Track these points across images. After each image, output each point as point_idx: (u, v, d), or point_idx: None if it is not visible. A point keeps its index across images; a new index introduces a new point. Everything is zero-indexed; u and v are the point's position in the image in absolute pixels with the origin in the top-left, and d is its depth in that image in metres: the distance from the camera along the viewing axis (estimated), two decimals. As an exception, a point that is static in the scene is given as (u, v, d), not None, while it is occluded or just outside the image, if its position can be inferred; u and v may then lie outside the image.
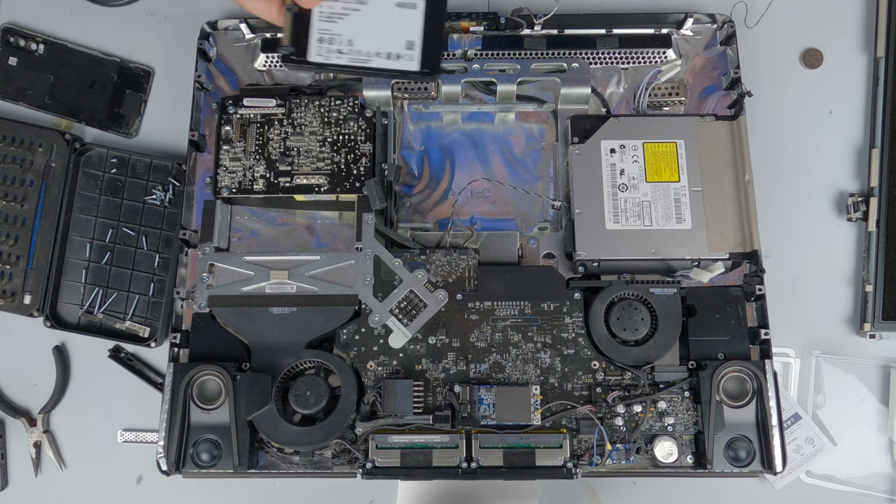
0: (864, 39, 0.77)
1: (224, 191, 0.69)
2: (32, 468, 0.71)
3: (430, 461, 0.62)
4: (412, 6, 0.55)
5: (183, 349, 0.67)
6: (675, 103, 0.73)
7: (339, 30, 0.55)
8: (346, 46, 0.55)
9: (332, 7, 0.55)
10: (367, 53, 0.55)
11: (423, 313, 0.65)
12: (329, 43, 0.55)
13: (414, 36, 0.55)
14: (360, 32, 0.55)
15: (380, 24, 0.55)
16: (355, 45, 0.55)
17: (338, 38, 0.55)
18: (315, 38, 0.55)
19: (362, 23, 0.55)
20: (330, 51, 0.55)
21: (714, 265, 0.66)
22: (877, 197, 0.72)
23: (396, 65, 0.55)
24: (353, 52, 0.55)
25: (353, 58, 0.55)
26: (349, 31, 0.55)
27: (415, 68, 0.55)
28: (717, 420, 0.62)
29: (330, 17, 0.55)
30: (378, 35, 0.55)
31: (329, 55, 0.55)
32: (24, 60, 0.77)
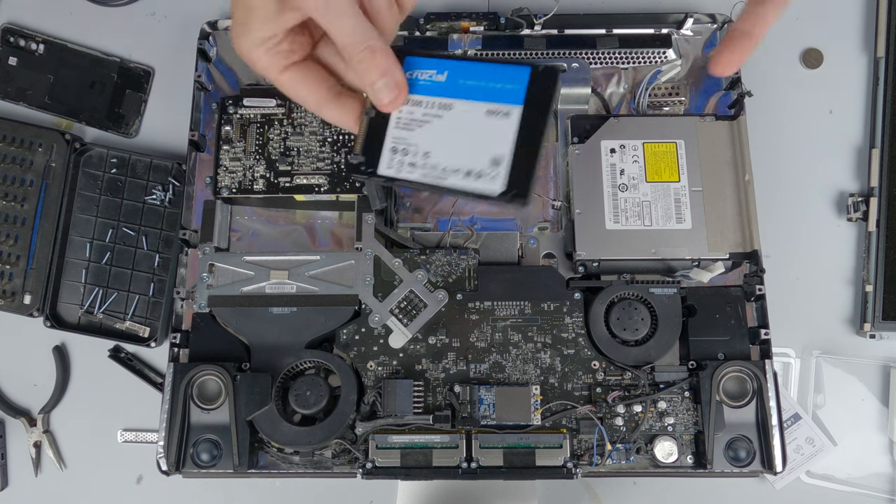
0: (864, 39, 0.77)
1: (224, 191, 0.69)
2: (32, 468, 0.71)
3: (430, 461, 0.62)
4: (505, 115, 0.45)
5: (183, 349, 0.67)
6: (675, 103, 0.73)
7: (415, 139, 0.46)
8: (420, 159, 0.46)
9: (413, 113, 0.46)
10: (444, 169, 0.45)
11: (423, 313, 0.65)
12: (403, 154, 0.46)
13: (503, 151, 0.45)
14: (438, 144, 0.46)
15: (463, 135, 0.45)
16: (431, 157, 0.46)
17: (413, 149, 0.46)
18: (388, 147, 0.46)
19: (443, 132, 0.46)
20: (402, 163, 0.46)
21: (714, 265, 0.66)
22: (877, 197, 0.72)
23: (476, 185, 0.45)
24: (428, 166, 0.46)
25: (427, 173, 0.46)
26: (426, 142, 0.46)
27: (498, 190, 0.44)
28: (717, 420, 0.62)
29: (408, 125, 0.46)
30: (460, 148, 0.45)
31: (401, 168, 0.46)
32: (24, 60, 0.77)
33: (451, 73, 0.46)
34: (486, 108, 0.45)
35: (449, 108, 0.46)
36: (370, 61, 0.44)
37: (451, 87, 0.46)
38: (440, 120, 0.46)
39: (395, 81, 0.45)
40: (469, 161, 0.45)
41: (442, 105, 0.46)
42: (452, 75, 0.46)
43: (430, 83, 0.46)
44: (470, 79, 0.46)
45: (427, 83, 0.46)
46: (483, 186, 0.45)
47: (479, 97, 0.46)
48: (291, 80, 0.46)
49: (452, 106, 0.46)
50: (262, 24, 0.44)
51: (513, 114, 0.45)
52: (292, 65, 0.45)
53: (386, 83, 0.44)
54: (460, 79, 0.46)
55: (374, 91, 0.45)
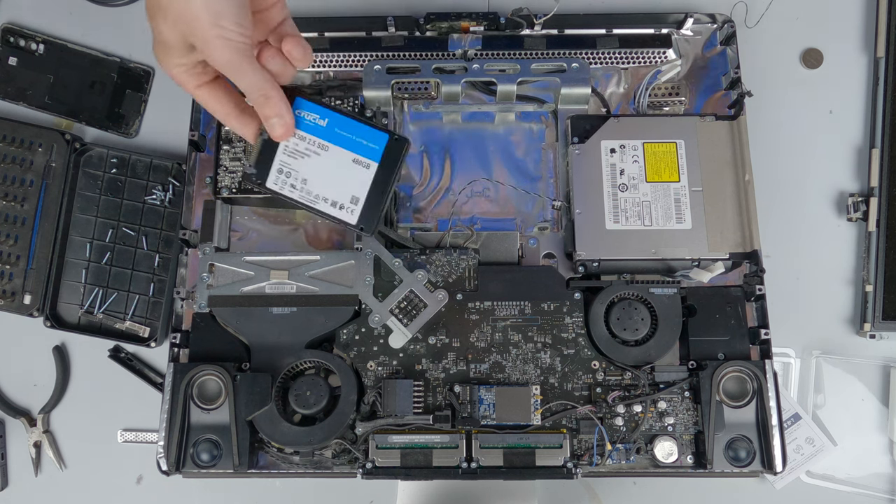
0: (864, 39, 0.77)
1: (224, 191, 0.69)
2: (32, 468, 0.71)
3: (430, 461, 0.62)
4: (366, 166, 0.59)
5: (183, 349, 0.67)
6: (675, 103, 0.73)
7: (297, 167, 0.59)
8: (299, 184, 0.59)
9: (298, 145, 0.59)
10: (316, 196, 0.60)
11: (423, 313, 0.65)
12: (286, 176, 0.59)
13: (360, 193, 0.60)
14: (315, 175, 0.59)
15: (334, 174, 0.59)
16: (308, 185, 0.59)
17: (294, 174, 0.59)
18: (276, 168, 0.60)
19: (319, 167, 0.59)
20: (285, 183, 0.60)
21: (714, 265, 0.66)
22: (877, 197, 0.72)
23: (338, 214, 0.60)
24: (305, 190, 0.60)
25: (303, 195, 0.60)
26: (305, 171, 0.59)
27: (353, 222, 0.60)
28: (717, 420, 0.62)
29: (293, 154, 0.59)
30: (329, 182, 0.59)
31: (283, 186, 0.60)
32: (24, 60, 0.77)
33: (331, 122, 0.60)
34: (353, 157, 0.60)
35: (326, 149, 0.60)
36: (265, 105, 0.55)
37: (330, 132, 0.60)
38: (318, 157, 0.60)
39: (283, 122, 0.57)
40: (335, 194, 0.60)
41: (321, 145, 0.60)
42: (331, 123, 0.60)
43: (314, 125, 0.60)
44: (344, 130, 0.60)
45: (312, 124, 0.60)
46: (343, 216, 0.60)
47: (349, 147, 0.60)
48: (204, 96, 0.56)
49: (329, 148, 0.60)
50: (177, 55, 0.53)
51: (371, 167, 0.60)
52: (205, 83, 0.55)
53: (277, 121, 0.56)
54: (337, 128, 0.60)
55: (269, 125, 0.57)
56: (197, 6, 0.49)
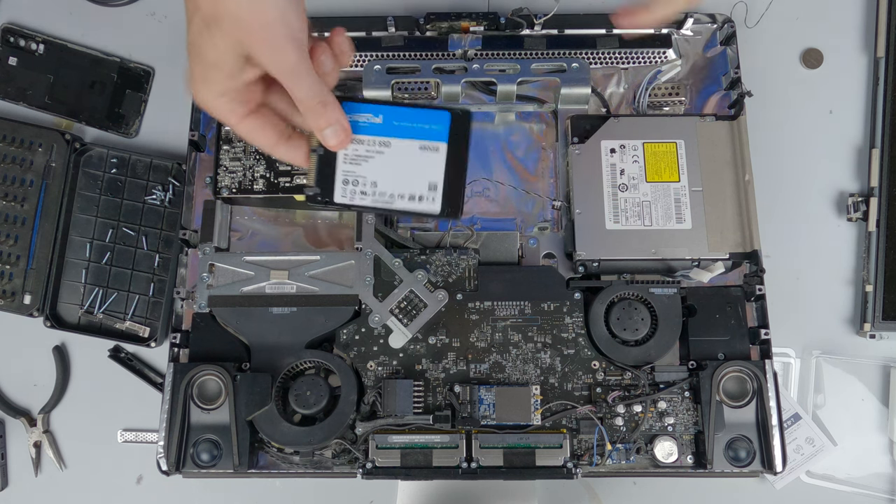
0: (864, 39, 0.77)
1: (224, 191, 0.69)
2: (32, 468, 0.71)
3: (430, 461, 0.62)
4: (434, 150, 0.55)
5: (183, 349, 0.67)
6: (675, 103, 0.73)
7: (363, 172, 0.55)
8: (370, 188, 0.55)
9: (357, 150, 0.55)
10: (391, 195, 0.55)
11: (423, 313, 0.65)
12: (353, 185, 0.55)
13: (436, 178, 0.55)
14: (383, 175, 0.55)
15: (403, 167, 0.55)
16: (379, 186, 0.55)
17: (362, 180, 0.55)
18: (340, 180, 0.55)
19: (386, 166, 0.55)
20: (354, 192, 0.55)
21: (714, 265, 0.66)
22: (877, 197, 0.72)
23: (419, 207, 0.55)
24: (377, 193, 0.55)
25: (377, 199, 0.55)
26: (373, 174, 0.55)
27: (436, 210, 0.55)
28: (717, 420, 0.62)
29: (354, 160, 0.55)
30: (401, 178, 0.55)
31: (354, 196, 0.55)
32: (24, 60, 0.77)
33: (386, 117, 0.56)
34: (419, 144, 0.55)
35: (388, 145, 0.55)
36: (322, 113, 0.51)
37: (387, 127, 0.55)
38: (382, 155, 0.55)
39: (342, 127, 0.52)
40: (411, 188, 0.55)
41: (382, 143, 0.55)
42: (387, 118, 0.56)
43: (369, 125, 0.55)
44: (402, 121, 0.56)
45: (367, 125, 0.55)
46: (425, 207, 0.56)
47: (412, 136, 0.56)
48: (249, 127, 0.51)
49: (391, 144, 0.55)
50: (225, 80, 0.48)
51: (441, 149, 0.55)
52: (249, 113, 0.51)
53: (334, 130, 0.52)
54: (394, 121, 0.55)
55: (325, 136, 0.52)
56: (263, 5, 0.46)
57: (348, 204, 0.56)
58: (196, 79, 0.49)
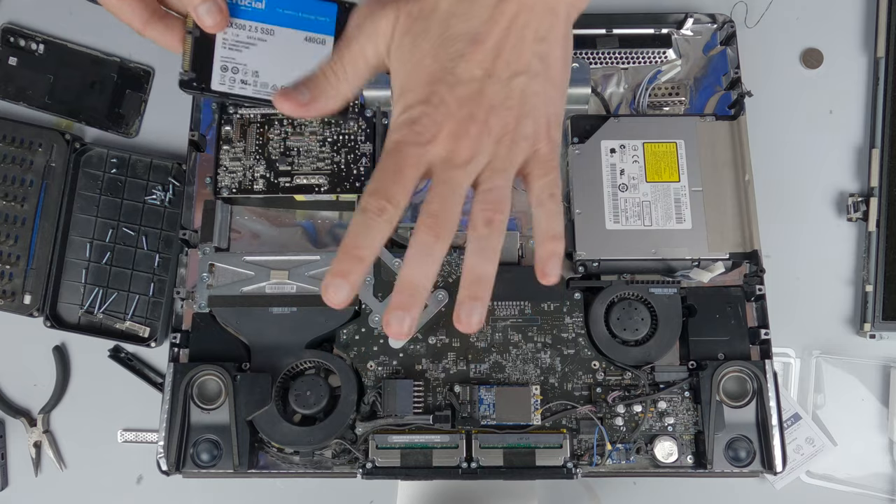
0: (864, 39, 0.77)
1: (224, 191, 0.69)
2: (32, 468, 0.71)
3: (430, 461, 0.62)
4: (321, 42, 0.53)
5: (183, 349, 0.67)
6: (675, 103, 0.73)
7: (243, 59, 0.53)
8: (251, 77, 0.53)
9: (238, 35, 0.53)
10: (273, 86, 0.53)
11: (423, 313, 0.65)
12: (233, 72, 0.53)
13: None
14: (265, 64, 0.53)
15: (286, 58, 0.53)
16: (261, 76, 0.53)
17: (242, 68, 0.53)
18: (218, 66, 0.53)
19: (268, 55, 0.53)
20: (234, 80, 0.53)
21: (714, 265, 0.66)
22: (877, 197, 0.72)
23: None
24: (259, 84, 0.53)
25: (258, 90, 0.54)
26: (254, 62, 0.53)
27: None
28: (717, 420, 0.62)
29: (234, 46, 0.53)
30: (284, 68, 0.53)
31: (233, 85, 0.53)
32: (24, 60, 0.77)
33: (269, 2, 0.53)
34: (304, 35, 0.53)
35: (271, 33, 0.53)
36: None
37: (271, 14, 0.53)
38: (265, 44, 0.53)
39: (216, 6, 0.49)
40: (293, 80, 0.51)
41: (265, 30, 0.53)
42: (270, 4, 0.53)
43: (250, 9, 0.53)
44: (287, 8, 0.53)
45: (248, 9, 0.53)
46: None
47: (297, 26, 0.53)
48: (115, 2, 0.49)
49: (274, 32, 0.53)
50: None
51: (327, 42, 0.53)
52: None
53: (208, 8, 0.49)
54: (278, 7, 0.53)
55: (198, 14, 0.49)
56: None
57: (227, 92, 0.54)
58: None
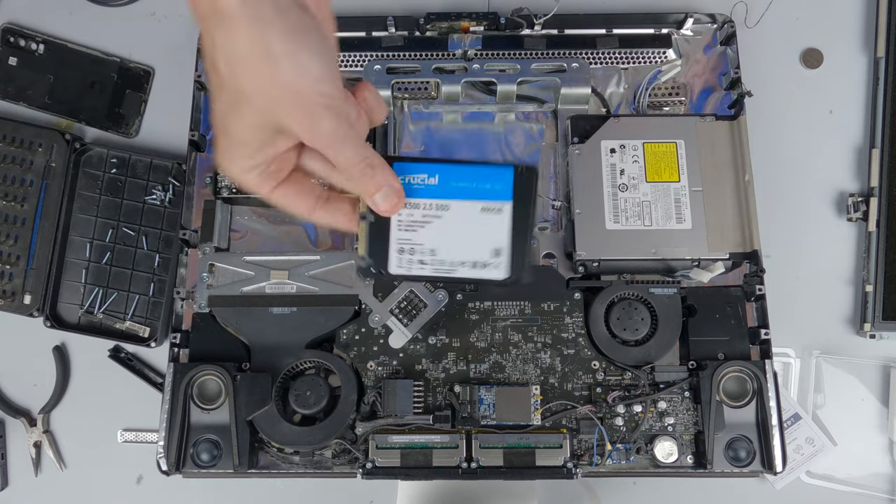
0: (864, 39, 0.77)
1: (224, 191, 0.69)
2: (32, 468, 0.71)
3: (430, 461, 0.62)
4: (497, 211, 0.50)
5: (183, 349, 0.67)
6: (675, 103, 0.73)
7: (420, 239, 0.50)
8: (428, 257, 0.50)
9: (412, 215, 0.50)
10: (451, 263, 0.50)
11: (423, 313, 0.65)
12: (410, 254, 0.50)
13: (501, 243, 0.50)
14: (442, 242, 0.50)
15: (463, 232, 0.50)
16: (438, 254, 0.50)
17: (419, 248, 0.50)
18: (395, 249, 0.50)
19: (444, 231, 0.50)
20: (412, 262, 0.50)
21: (714, 265, 0.66)
22: (877, 197, 0.72)
23: (482, 274, 0.50)
24: (437, 262, 0.50)
25: (437, 268, 0.50)
26: (431, 241, 0.50)
27: (503, 276, 0.50)
28: (717, 420, 0.62)
29: (410, 227, 0.50)
30: (462, 244, 0.50)
31: (411, 266, 0.50)
32: (24, 60, 0.77)
33: (442, 176, 0.50)
34: (481, 205, 0.50)
35: (446, 208, 0.50)
36: (371, 177, 0.46)
37: (444, 189, 0.50)
38: (440, 220, 0.50)
39: (393, 190, 0.48)
40: (473, 254, 0.50)
41: (439, 206, 0.50)
42: (444, 178, 0.50)
43: (424, 187, 0.50)
44: (461, 181, 0.50)
45: (421, 187, 0.50)
46: (489, 274, 0.50)
47: (472, 196, 0.50)
48: (282, 196, 0.47)
49: (449, 206, 0.50)
50: (254, 154, 0.44)
51: (504, 209, 0.50)
52: (281, 183, 0.47)
53: (385, 194, 0.47)
54: (451, 181, 0.50)
55: (375, 201, 0.48)
56: (291, 76, 0.41)
57: (405, 276, 0.51)
58: (223, 154, 0.45)
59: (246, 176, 0.45)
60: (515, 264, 0.50)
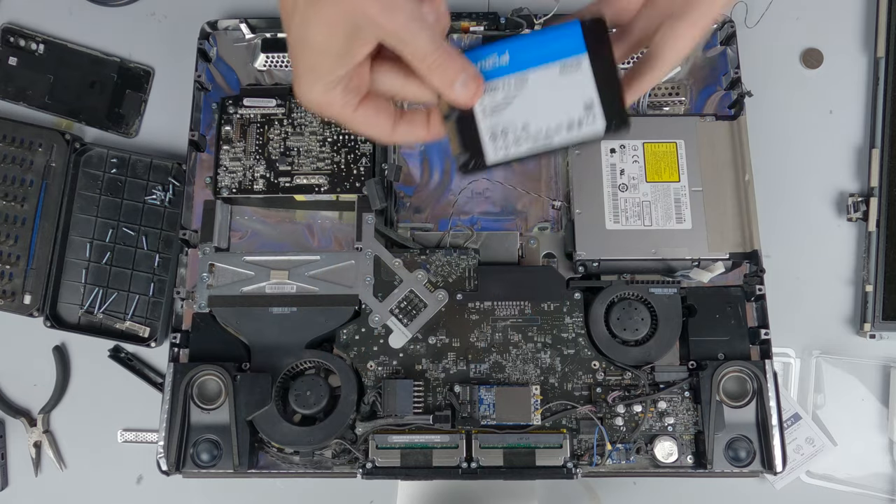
0: (864, 39, 0.77)
1: (224, 191, 0.69)
2: (32, 468, 0.71)
3: (430, 461, 0.62)
4: (576, 66, 0.49)
5: (183, 349, 0.67)
6: (675, 103, 0.73)
7: (508, 119, 0.49)
8: (522, 134, 0.49)
9: (494, 99, 0.49)
10: (547, 132, 0.49)
11: (423, 313, 0.65)
12: (503, 136, 0.49)
13: (590, 95, 0.49)
14: (531, 114, 0.49)
15: (550, 98, 0.49)
16: (531, 128, 0.49)
17: (511, 128, 0.49)
18: (487, 137, 0.49)
19: (530, 103, 0.49)
20: (507, 144, 0.49)
21: (714, 265, 0.66)
22: (877, 197, 0.72)
23: (581, 133, 0.49)
24: (532, 136, 0.49)
25: (534, 143, 0.49)
26: (520, 117, 0.49)
27: (602, 128, 0.49)
28: (717, 420, 0.62)
29: (495, 111, 0.49)
30: (552, 110, 0.49)
31: (508, 149, 0.49)
32: (24, 60, 0.77)
33: (512, 53, 0.49)
34: (558, 67, 0.49)
35: (525, 81, 0.49)
36: (449, 64, 0.45)
37: (517, 63, 0.49)
38: (522, 95, 0.49)
39: (471, 76, 0.47)
40: (565, 116, 0.49)
41: (518, 81, 0.49)
42: (513, 54, 0.49)
43: (496, 68, 0.49)
44: (530, 51, 0.49)
45: (494, 68, 0.49)
46: (587, 131, 0.49)
47: (546, 61, 0.49)
48: (363, 116, 0.47)
49: (527, 78, 0.49)
50: (336, 65, 0.44)
51: (582, 63, 0.49)
52: (363, 100, 0.47)
53: (464, 80, 0.46)
54: (521, 54, 0.49)
55: (454, 91, 0.47)
56: None
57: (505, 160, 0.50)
58: (305, 74, 0.45)
59: (330, 94, 0.45)
60: (610, 112, 0.49)
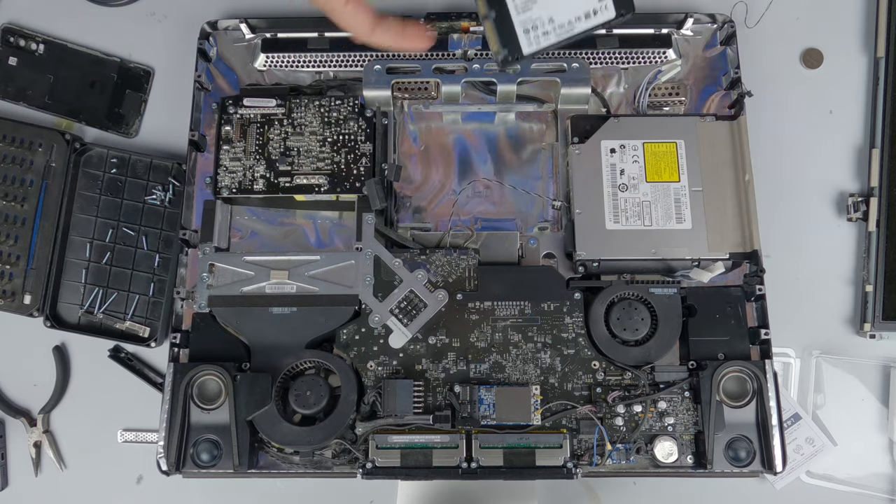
0: (864, 39, 0.77)
1: (224, 191, 0.69)
2: (32, 468, 0.71)
3: (430, 461, 0.62)
4: None
5: (183, 349, 0.67)
6: (675, 103, 0.73)
7: (537, 13, 0.56)
8: (549, 25, 0.56)
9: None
10: (569, 23, 0.56)
11: (423, 313, 0.65)
12: (534, 30, 0.56)
13: None
14: (555, 7, 0.56)
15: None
16: (556, 20, 0.56)
17: (539, 21, 0.56)
18: (521, 31, 0.56)
19: None
20: (538, 36, 0.56)
21: (714, 265, 0.66)
22: (877, 197, 0.72)
23: (597, 20, 0.57)
24: (557, 28, 0.56)
25: (560, 33, 0.57)
26: (546, 11, 0.56)
27: (613, 15, 0.56)
28: (717, 420, 0.62)
29: (525, 7, 0.56)
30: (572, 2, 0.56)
31: (539, 40, 0.57)
32: (24, 60, 0.77)
33: None
34: None
35: None
36: None
37: None
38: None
39: None
40: (583, 6, 0.56)
41: None
42: None
43: None
44: None
45: None
46: (601, 18, 0.56)
47: None
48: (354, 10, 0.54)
49: None
50: None
51: None
52: None
53: None
54: None
55: None
56: None
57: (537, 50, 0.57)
58: None
59: None
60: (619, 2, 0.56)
